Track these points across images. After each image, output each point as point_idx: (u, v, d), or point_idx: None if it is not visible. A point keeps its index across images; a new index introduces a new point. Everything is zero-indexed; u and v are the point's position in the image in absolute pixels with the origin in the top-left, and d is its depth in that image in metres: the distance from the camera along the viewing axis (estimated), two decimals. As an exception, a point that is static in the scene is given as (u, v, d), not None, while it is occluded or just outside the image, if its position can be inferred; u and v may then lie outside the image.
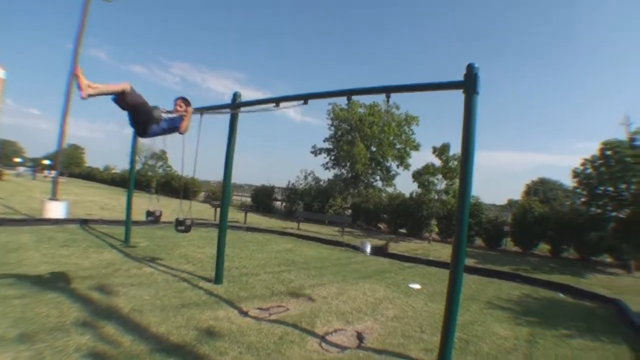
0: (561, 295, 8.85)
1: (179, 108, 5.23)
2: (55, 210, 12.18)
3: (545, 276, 10.51)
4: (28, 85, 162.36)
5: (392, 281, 8.51)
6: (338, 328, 5.06)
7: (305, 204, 24.29)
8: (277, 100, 6.22)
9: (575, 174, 15.26)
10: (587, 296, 8.73)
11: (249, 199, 29.70)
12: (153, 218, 8.85)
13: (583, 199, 15.51)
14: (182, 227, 7.47)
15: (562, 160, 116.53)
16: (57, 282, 5.79)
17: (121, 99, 4.35)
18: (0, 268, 6.19)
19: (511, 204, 28.50)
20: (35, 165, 64.64)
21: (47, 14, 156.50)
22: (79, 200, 19.20)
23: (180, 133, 5.25)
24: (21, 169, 53.65)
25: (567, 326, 6.14)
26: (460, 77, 4.30)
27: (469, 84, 4.20)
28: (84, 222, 12.12)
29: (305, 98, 5.82)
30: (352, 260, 10.87)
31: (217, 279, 6.69)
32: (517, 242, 16.84)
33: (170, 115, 5.07)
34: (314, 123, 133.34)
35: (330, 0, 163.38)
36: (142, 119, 4.68)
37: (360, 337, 4.82)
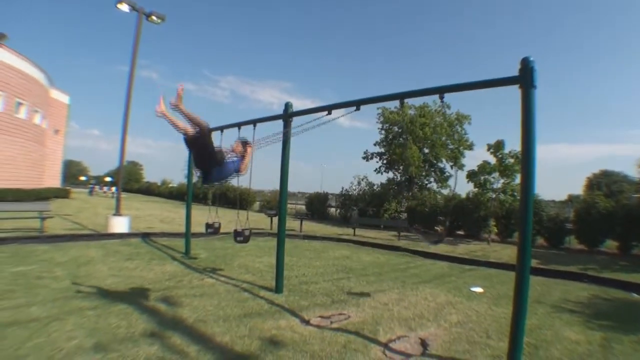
0: (635, 295, 8.23)
1: (237, 148, 5.09)
2: (119, 225, 12.79)
3: (616, 275, 9.80)
4: (89, 108, 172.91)
5: (453, 285, 8.25)
6: (401, 335, 4.95)
7: (359, 209, 23.91)
8: (329, 108, 6.11)
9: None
10: (666, 296, 8.07)
11: (303, 207, 29.78)
12: (212, 230, 9.04)
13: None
14: (241, 238, 7.56)
15: (622, 150, 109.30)
16: (124, 294, 6.08)
17: (191, 140, 4.34)
18: (73, 281, 6.60)
19: (572, 199, 27.12)
20: (98, 182, 68.15)
21: (101, 41, 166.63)
22: (140, 214, 20.12)
23: (241, 173, 5.06)
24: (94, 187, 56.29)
25: (647, 330, 5.68)
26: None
27: (525, 78, 4.00)
28: (146, 236, 12.67)
29: (357, 104, 5.74)
30: (410, 265, 10.64)
31: (278, 288, 6.74)
32: (581, 239, 15.89)
33: (232, 159, 4.92)
34: (363, 127, 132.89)
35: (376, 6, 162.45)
36: (206, 162, 4.60)
37: (424, 344, 4.69)
